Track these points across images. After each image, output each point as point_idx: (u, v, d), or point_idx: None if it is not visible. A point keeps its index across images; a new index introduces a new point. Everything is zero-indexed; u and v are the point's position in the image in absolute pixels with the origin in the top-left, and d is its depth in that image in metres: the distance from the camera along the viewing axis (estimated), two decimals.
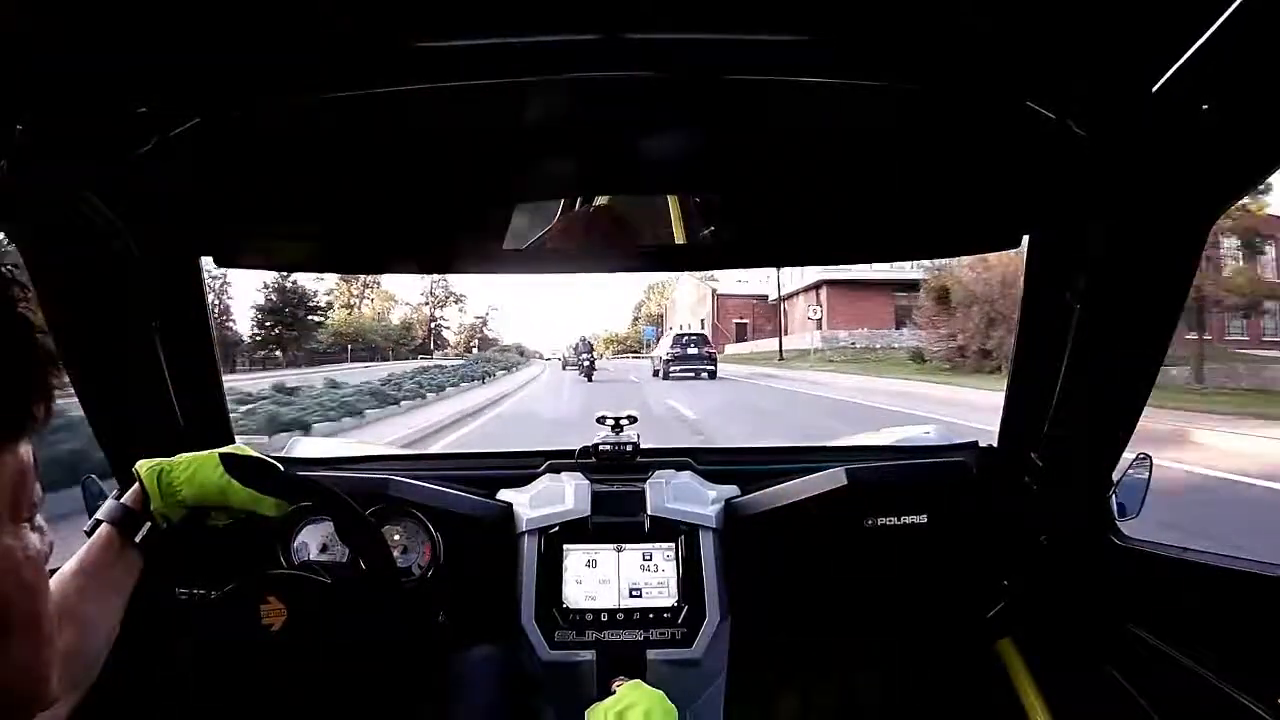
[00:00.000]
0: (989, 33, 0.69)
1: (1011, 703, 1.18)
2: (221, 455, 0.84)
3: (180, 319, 1.08)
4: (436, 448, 6.69)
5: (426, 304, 44.28)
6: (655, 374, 16.77)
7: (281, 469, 0.86)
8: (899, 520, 1.11)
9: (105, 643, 0.74)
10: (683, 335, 17.92)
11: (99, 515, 0.80)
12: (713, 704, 1.04)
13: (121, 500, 0.81)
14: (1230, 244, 14.25)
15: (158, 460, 0.84)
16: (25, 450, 0.46)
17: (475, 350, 39.22)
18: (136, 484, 0.82)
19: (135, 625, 0.78)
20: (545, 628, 1.06)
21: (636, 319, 54.95)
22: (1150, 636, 0.94)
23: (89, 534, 0.79)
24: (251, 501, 0.83)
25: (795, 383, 14.86)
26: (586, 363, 16.59)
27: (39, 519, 0.49)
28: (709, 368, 15.95)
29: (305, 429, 7.78)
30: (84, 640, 0.71)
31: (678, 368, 15.83)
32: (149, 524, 0.80)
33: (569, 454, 1.27)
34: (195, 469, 0.82)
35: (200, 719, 0.81)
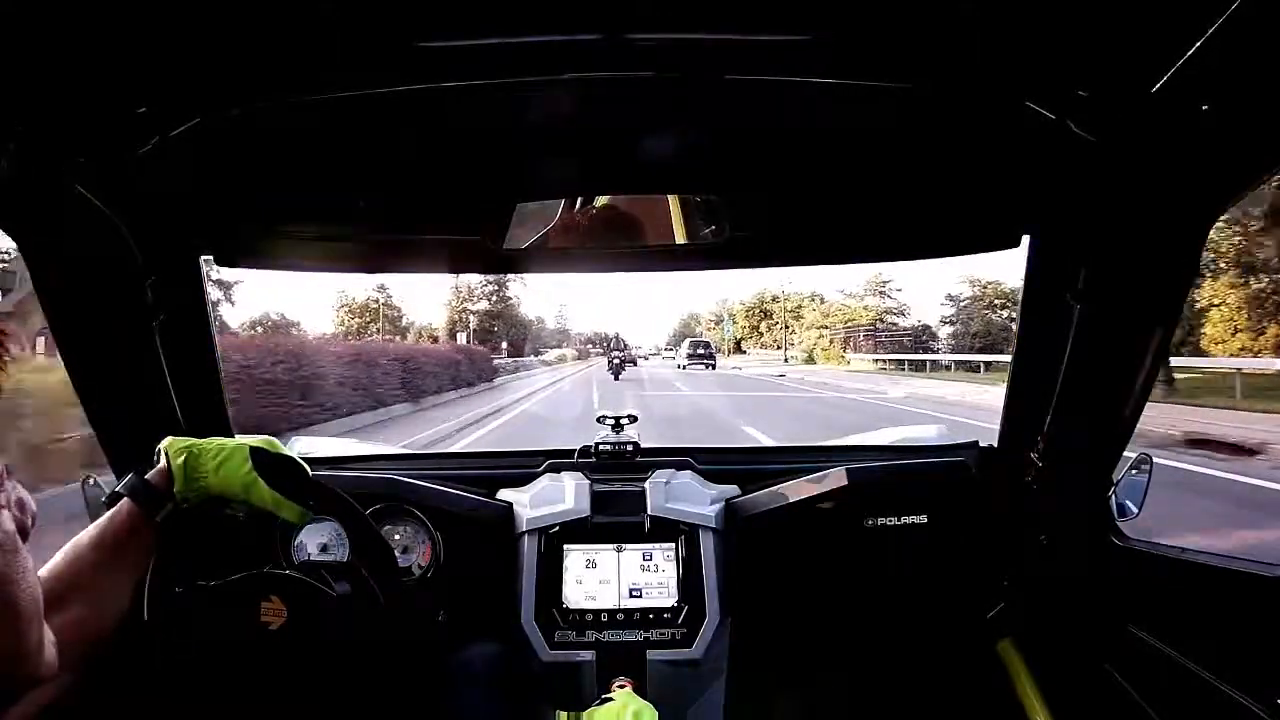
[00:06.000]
0: (989, 33, 0.69)
1: (1011, 703, 1.18)
2: (253, 449, 0.82)
3: (180, 319, 1.08)
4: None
5: None
6: (679, 367, 26.01)
7: (309, 472, 0.85)
8: (899, 520, 1.11)
9: (113, 621, 0.73)
10: (694, 342, 28.71)
11: (120, 489, 0.78)
12: (713, 704, 1.03)
13: (146, 477, 0.79)
14: None
15: (187, 441, 0.82)
16: None
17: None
18: (162, 461, 0.80)
19: (134, 619, 0.77)
20: (545, 628, 1.05)
21: None
22: (1150, 636, 0.94)
23: (109, 506, 0.77)
24: (274, 504, 0.82)
25: None
26: (616, 360, 18.40)
27: (19, 490, 0.47)
28: (710, 363, 25.97)
29: None
30: (94, 615, 0.70)
31: (689, 364, 25.52)
32: (171, 505, 0.78)
33: (569, 454, 1.27)
34: (224, 460, 0.80)
35: (197, 717, 0.81)
